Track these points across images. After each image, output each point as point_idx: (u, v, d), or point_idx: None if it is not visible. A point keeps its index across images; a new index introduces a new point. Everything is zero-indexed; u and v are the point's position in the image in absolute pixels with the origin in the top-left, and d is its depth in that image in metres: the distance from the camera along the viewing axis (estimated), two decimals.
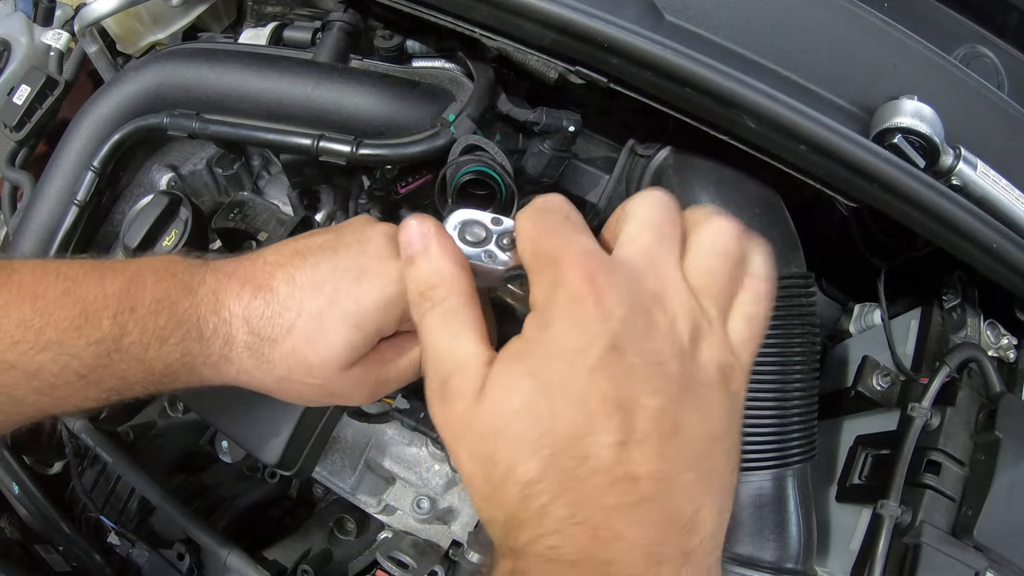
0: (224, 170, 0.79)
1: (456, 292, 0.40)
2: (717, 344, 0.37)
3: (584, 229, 0.38)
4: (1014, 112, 0.59)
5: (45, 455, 0.83)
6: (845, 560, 0.63)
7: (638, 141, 0.74)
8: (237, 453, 0.78)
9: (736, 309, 0.40)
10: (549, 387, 0.35)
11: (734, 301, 0.40)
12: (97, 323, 0.42)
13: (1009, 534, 0.56)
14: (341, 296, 0.44)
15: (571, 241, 0.37)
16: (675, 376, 0.35)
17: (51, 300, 0.42)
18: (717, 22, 0.57)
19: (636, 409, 0.34)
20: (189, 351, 0.44)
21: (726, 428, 0.37)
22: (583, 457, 0.33)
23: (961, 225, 0.56)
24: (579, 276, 0.35)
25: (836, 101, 0.57)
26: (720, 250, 0.39)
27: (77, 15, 0.75)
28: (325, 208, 0.80)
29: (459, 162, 0.61)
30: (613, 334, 0.34)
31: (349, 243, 0.47)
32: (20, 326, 0.41)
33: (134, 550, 0.75)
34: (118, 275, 0.44)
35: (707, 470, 0.35)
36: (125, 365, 0.43)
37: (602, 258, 0.37)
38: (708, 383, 0.36)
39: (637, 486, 0.33)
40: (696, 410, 0.35)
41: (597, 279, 0.35)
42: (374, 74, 0.68)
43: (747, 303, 0.40)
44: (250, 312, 0.44)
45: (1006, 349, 0.70)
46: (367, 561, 0.83)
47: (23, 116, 0.80)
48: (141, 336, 0.43)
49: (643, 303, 0.36)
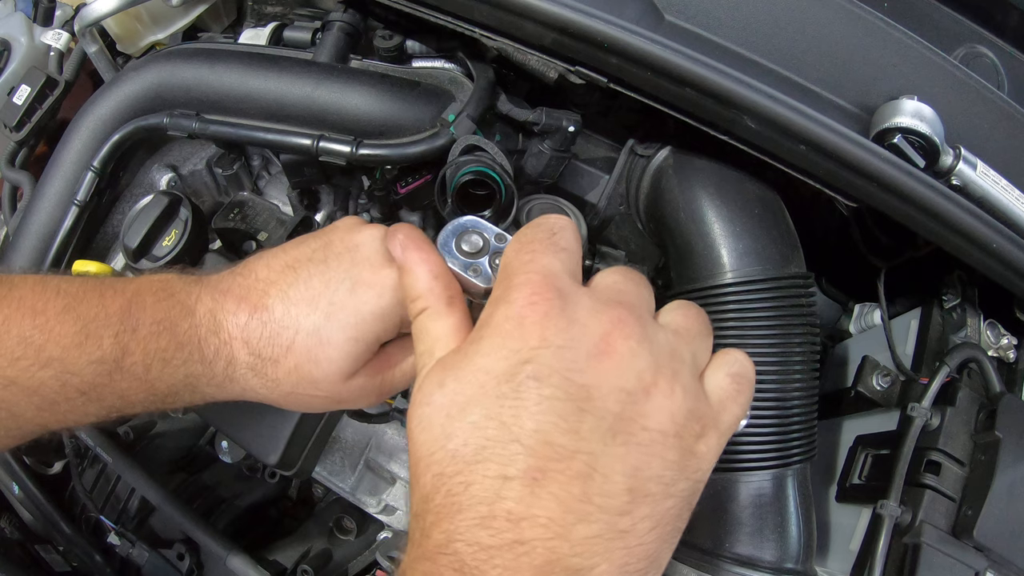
0: (224, 170, 0.79)
1: (432, 300, 0.40)
2: (681, 392, 0.34)
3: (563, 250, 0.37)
4: (1014, 112, 0.59)
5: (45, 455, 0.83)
6: (845, 560, 0.63)
7: (638, 141, 0.74)
8: (237, 453, 0.78)
9: (720, 364, 0.38)
10: (453, 404, 0.34)
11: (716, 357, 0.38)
12: (98, 341, 0.42)
13: (1009, 534, 0.56)
14: (336, 309, 0.44)
15: (536, 259, 0.36)
16: (605, 417, 0.32)
17: (52, 316, 0.42)
18: (717, 22, 0.57)
19: (538, 445, 0.31)
20: (192, 372, 0.44)
21: (665, 489, 0.33)
22: (467, 483, 0.31)
23: (961, 225, 0.56)
24: (523, 296, 0.34)
25: (836, 101, 0.57)
26: (694, 308, 0.39)
27: (77, 15, 0.75)
28: (325, 208, 0.80)
29: (459, 162, 0.61)
30: (539, 363, 0.32)
31: (340, 253, 0.46)
32: (21, 343, 0.41)
33: (134, 550, 0.75)
34: (118, 294, 0.44)
35: (619, 528, 0.31)
36: (126, 384, 0.43)
37: (560, 283, 0.35)
38: (655, 432, 0.33)
39: (517, 527, 0.30)
40: (624, 460, 0.32)
41: (541, 303, 0.34)
42: (374, 74, 0.68)
43: (732, 363, 0.38)
44: (248, 334, 0.44)
45: (1006, 349, 0.70)
46: (367, 561, 0.83)
47: (23, 116, 0.80)
48: (143, 357, 0.43)
49: (592, 334, 0.34)
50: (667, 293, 0.68)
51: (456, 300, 0.41)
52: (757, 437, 0.59)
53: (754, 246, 0.62)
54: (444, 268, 0.42)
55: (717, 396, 0.36)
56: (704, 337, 0.38)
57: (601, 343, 0.33)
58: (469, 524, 0.31)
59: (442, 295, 0.41)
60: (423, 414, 0.35)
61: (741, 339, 0.60)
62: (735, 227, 0.63)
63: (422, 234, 0.44)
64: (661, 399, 0.33)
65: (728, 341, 0.60)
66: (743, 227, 0.63)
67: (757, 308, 0.60)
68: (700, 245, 0.63)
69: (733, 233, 0.62)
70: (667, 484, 0.33)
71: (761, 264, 0.61)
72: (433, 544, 0.32)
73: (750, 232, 0.62)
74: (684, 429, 0.34)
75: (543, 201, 0.73)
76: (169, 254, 0.68)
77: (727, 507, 0.60)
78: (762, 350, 0.59)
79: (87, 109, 0.72)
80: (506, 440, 0.31)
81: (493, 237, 0.43)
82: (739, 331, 0.60)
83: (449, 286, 0.41)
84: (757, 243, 0.62)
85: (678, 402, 0.34)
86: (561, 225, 0.39)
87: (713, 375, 0.37)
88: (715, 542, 0.59)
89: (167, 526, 0.80)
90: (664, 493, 0.33)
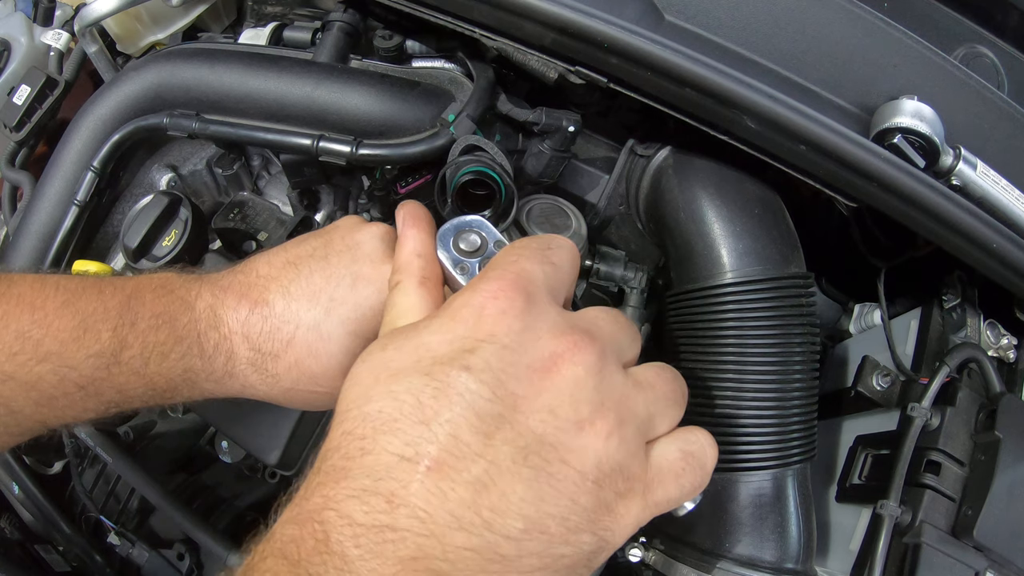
0: (224, 170, 0.79)
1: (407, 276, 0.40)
2: (617, 442, 0.32)
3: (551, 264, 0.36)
4: (1014, 112, 0.59)
5: (45, 455, 0.83)
6: (845, 560, 0.63)
7: (638, 141, 0.74)
8: (237, 453, 0.78)
9: (677, 438, 0.36)
10: (384, 368, 0.33)
11: (678, 431, 0.36)
12: (96, 335, 0.42)
13: (1009, 534, 0.56)
14: (336, 305, 0.44)
15: (519, 262, 0.35)
16: (523, 434, 0.30)
17: (50, 311, 0.42)
18: (717, 22, 0.57)
19: (445, 436, 0.29)
20: (191, 367, 0.44)
21: (566, 534, 0.30)
22: (364, 451, 0.30)
23: (961, 225, 0.56)
24: (490, 288, 0.33)
25: (836, 101, 0.57)
26: (675, 374, 0.37)
27: (77, 15, 0.75)
28: (325, 208, 0.80)
29: (459, 162, 0.61)
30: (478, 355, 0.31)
31: (340, 250, 0.47)
32: (19, 337, 0.41)
33: (134, 550, 0.75)
34: (117, 291, 0.44)
35: (500, 552, 0.29)
36: (124, 379, 0.43)
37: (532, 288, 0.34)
38: (573, 471, 0.30)
39: (393, 512, 0.28)
40: (529, 485, 0.30)
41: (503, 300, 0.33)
42: (374, 74, 0.68)
43: (691, 442, 0.36)
44: (249, 328, 0.45)
45: (1006, 349, 0.70)
46: None
47: (23, 116, 0.80)
48: (141, 350, 0.43)
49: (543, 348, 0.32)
50: (667, 293, 0.68)
51: (430, 282, 0.41)
52: (757, 437, 0.59)
53: (754, 246, 0.62)
54: (430, 250, 0.42)
55: (658, 466, 0.34)
56: (671, 405, 0.36)
57: (548, 360, 0.32)
58: (347, 494, 0.29)
59: (417, 273, 0.40)
60: (357, 370, 0.34)
61: (741, 339, 0.60)
62: (735, 227, 0.63)
63: (427, 214, 0.44)
64: (592, 439, 0.31)
65: (728, 341, 0.60)
66: (743, 227, 0.63)
67: (757, 308, 0.60)
68: (700, 245, 0.63)
69: (733, 233, 0.62)
70: (569, 530, 0.30)
71: (761, 264, 0.61)
72: (309, 507, 0.30)
73: (750, 232, 0.62)
74: (607, 480, 0.31)
75: (543, 201, 0.73)
76: (169, 254, 0.68)
77: (727, 507, 0.60)
78: (762, 350, 0.59)
79: (87, 109, 0.72)
80: (416, 420, 0.30)
81: (493, 243, 0.43)
82: (739, 331, 0.60)
83: (427, 268, 0.41)
84: (757, 243, 0.62)
85: (610, 450, 0.31)
86: (560, 243, 0.38)
87: (664, 445, 0.35)
88: (715, 542, 0.59)
89: (167, 526, 0.80)
90: (562, 538, 0.30)
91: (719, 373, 0.60)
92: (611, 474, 0.31)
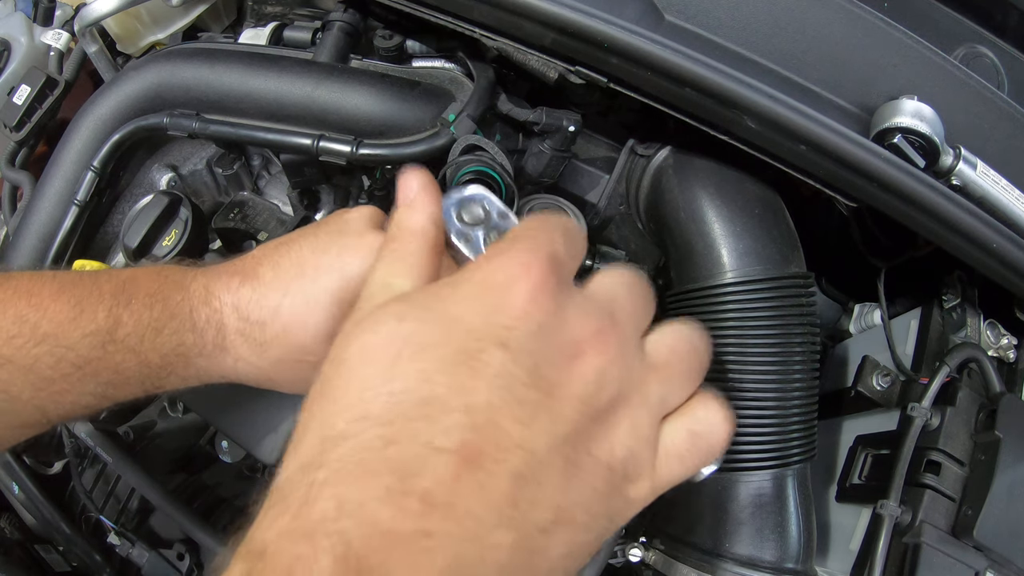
0: (224, 170, 0.79)
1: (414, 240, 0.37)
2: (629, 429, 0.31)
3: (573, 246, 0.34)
4: (1014, 112, 0.59)
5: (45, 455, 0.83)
6: (845, 560, 0.63)
7: (638, 141, 0.74)
8: (237, 453, 0.78)
9: (686, 415, 0.35)
10: (409, 343, 0.29)
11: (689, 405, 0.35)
12: (92, 315, 0.43)
13: (1009, 534, 0.56)
14: (322, 273, 0.46)
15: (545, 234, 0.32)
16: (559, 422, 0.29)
17: (46, 296, 0.43)
18: (717, 22, 0.57)
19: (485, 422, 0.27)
20: (183, 342, 0.45)
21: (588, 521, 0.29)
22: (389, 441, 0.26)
23: (961, 225, 0.56)
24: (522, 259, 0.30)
25: (836, 101, 0.57)
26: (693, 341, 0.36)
27: (77, 15, 0.75)
28: (325, 208, 0.79)
29: (459, 162, 0.61)
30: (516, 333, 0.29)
31: (330, 227, 0.49)
32: (16, 321, 0.42)
33: (134, 550, 0.75)
34: (112, 276, 0.46)
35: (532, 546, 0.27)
36: (120, 357, 0.44)
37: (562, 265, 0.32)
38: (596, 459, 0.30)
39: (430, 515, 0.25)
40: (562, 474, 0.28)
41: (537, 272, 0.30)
42: (374, 74, 0.68)
43: (699, 420, 0.35)
44: (239, 299, 0.46)
45: (1006, 349, 0.70)
46: None
47: (23, 116, 0.80)
48: (136, 327, 0.44)
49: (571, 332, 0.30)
50: (667, 293, 0.68)
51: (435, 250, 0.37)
52: (757, 437, 0.59)
53: (754, 246, 0.62)
54: (439, 216, 0.39)
55: (665, 449, 0.33)
56: (683, 379, 0.35)
57: (575, 346, 0.30)
58: (371, 496, 0.25)
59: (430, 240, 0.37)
60: (368, 343, 0.29)
61: (741, 339, 0.60)
62: (735, 227, 0.63)
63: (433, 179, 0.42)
64: (611, 427, 0.31)
65: (728, 341, 0.60)
66: (743, 227, 0.63)
67: (757, 308, 0.60)
68: (700, 245, 0.63)
69: (733, 233, 0.63)
70: (592, 516, 0.30)
71: (761, 264, 0.61)
72: (318, 515, 0.24)
73: (750, 232, 0.62)
74: (620, 465, 0.31)
75: (543, 201, 0.73)
76: (169, 254, 0.68)
77: (727, 507, 0.60)
78: (762, 350, 0.59)
79: (87, 109, 0.72)
80: (452, 405, 0.27)
81: (496, 213, 0.42)
82: (739, 331, 0.60)
83: (440, 237, 0.38)
84: (757, 243, 0.62)
85: (622, 437, 0.31)
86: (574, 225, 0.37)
87: (673, 425, 0.34)
88: (715, 542, 0.59)
89: (167, 526, 0.79)
90: (585, 526, 0.29)
91: (719, 373, 0.60)
92: (624, 460, 0.31)
